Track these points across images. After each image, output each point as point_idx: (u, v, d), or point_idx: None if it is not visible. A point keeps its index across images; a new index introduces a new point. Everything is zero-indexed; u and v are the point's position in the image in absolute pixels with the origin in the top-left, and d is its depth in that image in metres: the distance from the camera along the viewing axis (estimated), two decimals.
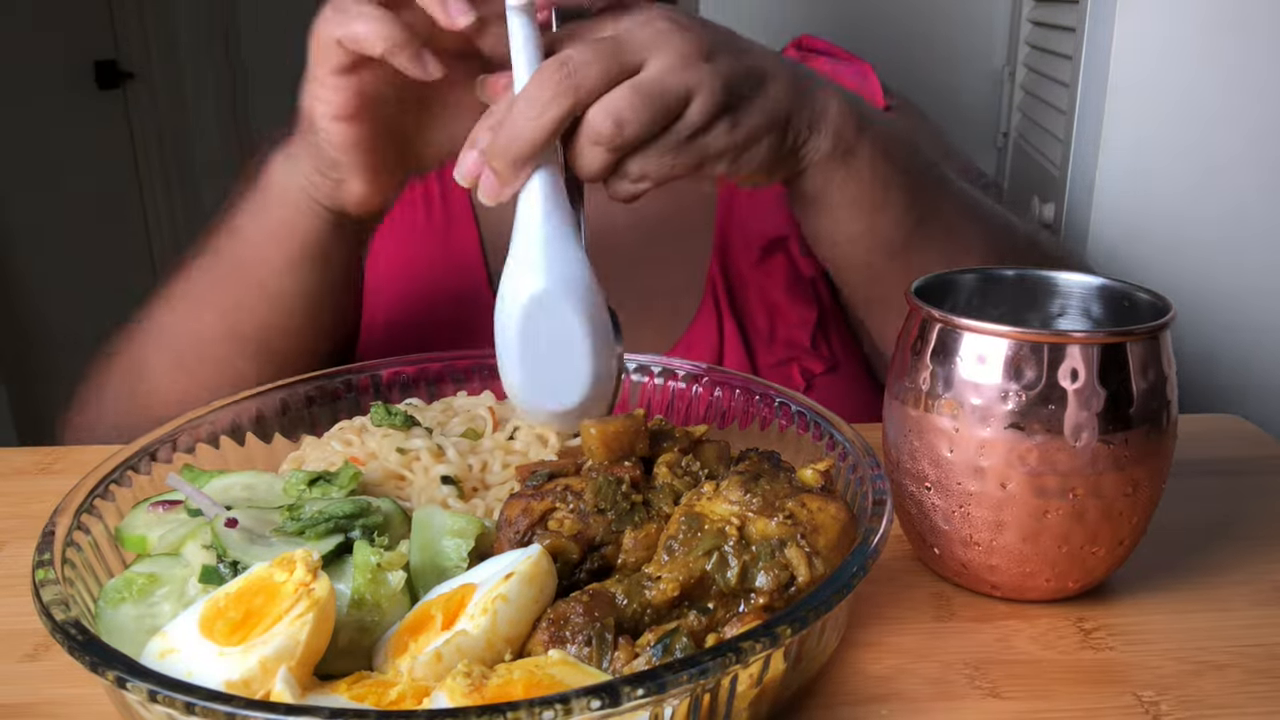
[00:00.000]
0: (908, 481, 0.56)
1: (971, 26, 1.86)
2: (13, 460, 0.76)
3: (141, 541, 0.54)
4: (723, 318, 0.93)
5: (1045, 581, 0.55)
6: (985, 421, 0.52)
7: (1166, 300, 0.55)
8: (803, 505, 0.50)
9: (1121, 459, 0.52)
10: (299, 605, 0.44)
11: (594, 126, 0.57)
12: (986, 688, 0.50)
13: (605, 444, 0.56)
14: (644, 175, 0.60)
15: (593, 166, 0.59)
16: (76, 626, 0.42)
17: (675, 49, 0.59)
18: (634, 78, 0.58)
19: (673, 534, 0.50)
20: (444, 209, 0.97)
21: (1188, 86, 1.31)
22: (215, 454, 0.63)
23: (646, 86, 0.57)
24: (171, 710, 0.38)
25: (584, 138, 0.58)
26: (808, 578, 0.48)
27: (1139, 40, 1.31)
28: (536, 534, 0.51)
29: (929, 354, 0.54)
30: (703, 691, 0.41)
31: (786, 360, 0.93)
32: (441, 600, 0.47)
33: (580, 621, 0.46)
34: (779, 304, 0.94)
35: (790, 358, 0.93)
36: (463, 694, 0.40)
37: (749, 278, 0.95)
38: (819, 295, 0.95)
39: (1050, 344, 0.51)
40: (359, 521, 0.51)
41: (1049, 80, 1.60)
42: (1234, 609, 0.56)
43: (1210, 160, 1.34)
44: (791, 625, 0.42)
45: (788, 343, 0.94)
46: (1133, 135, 1.34)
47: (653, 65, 0.58)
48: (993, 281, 0.61)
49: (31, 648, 0.54)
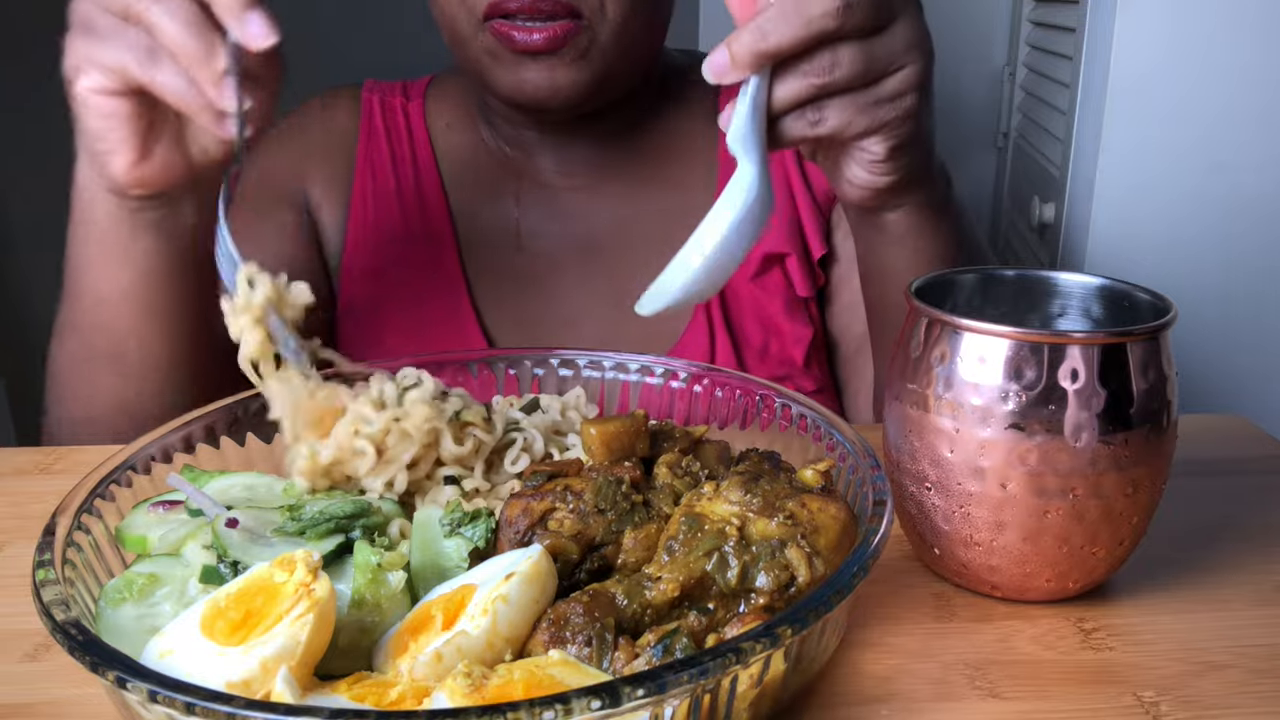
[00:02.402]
0: (908, 482, 0.57)
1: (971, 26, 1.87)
2: (13, 460, 0.76)
3: (142, 541, 0.54)
4: (714, 330, 0.93)
5: (1045, 582, 0.55)
6: (985, 422, 0.52)
7: (1167, 300, 0.55)
8: (803, 505, 0.50)
9: (1122, 459, 0.52)
10: (299, 605, 0.44)
11: (816, 64, 0.59)
12: (987, 688, 0.50)
13: (605, 444, 0.56)
14: (823, 120, 0.61)
15: (791, 93, 0.60)
16: (77, 627, 0.42)
17: (916, 26, 0.62)
18: (872, 39, 0.60)
19: (673, 534, 0.50)
20: (420, 211, 0.97)
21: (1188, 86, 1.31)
22: (215, 454, 0.63)
23: (880, 53, 0.61)
24: (171, 710, 0.38)
25: (798, 67, 0.59)
26: (808, 578, 0.48)
27: (1139, 40, 1.31)
28: (536, 534, 0.51)
29: (929, 354, 0.54)
30: (703, 692, 0.41)
31: (780, 377, 0.94)
32: (442, 600, 0.47)
33: (580, 622, 0.46)
34: (775, 320, 0.94)
35: (784, 375, 0.94)
36: (463, 694, 0.40)
37: (744, 292, 0.95)
38: (812, 318, 0.96)
39: (1050, 344, 0.51)
40: (359, 522, 0.52)
41: (1049, 80, 1.60)
42: (1234, 609, 0.56)
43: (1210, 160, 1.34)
44: (792, 626, 0.42)
45: (781, 359, 0.94)
46: (1133, 135, 1.35)
47: (895, 30, 0.61)
48: (993, 281, 0.61)
49: (32, 648, 0.54)
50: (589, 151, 0.96)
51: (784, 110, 0.60)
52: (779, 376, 0.94)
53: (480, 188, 0.98)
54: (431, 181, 0.98)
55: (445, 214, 0.97)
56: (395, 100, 1.02)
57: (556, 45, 0.80)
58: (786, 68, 0.59)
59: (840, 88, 0.60)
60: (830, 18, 0.58)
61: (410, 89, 1.03)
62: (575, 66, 0.82)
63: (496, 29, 0.81)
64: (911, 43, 0.62)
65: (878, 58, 0.61)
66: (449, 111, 1.01)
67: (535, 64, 0.82)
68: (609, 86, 0.87)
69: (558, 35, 0.80)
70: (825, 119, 0.61)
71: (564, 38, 0.80)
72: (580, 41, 0.81)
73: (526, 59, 0.82)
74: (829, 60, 0.59)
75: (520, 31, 0.80)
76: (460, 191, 0.98)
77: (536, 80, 0.82)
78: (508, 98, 0.85)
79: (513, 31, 0.80)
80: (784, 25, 0.57)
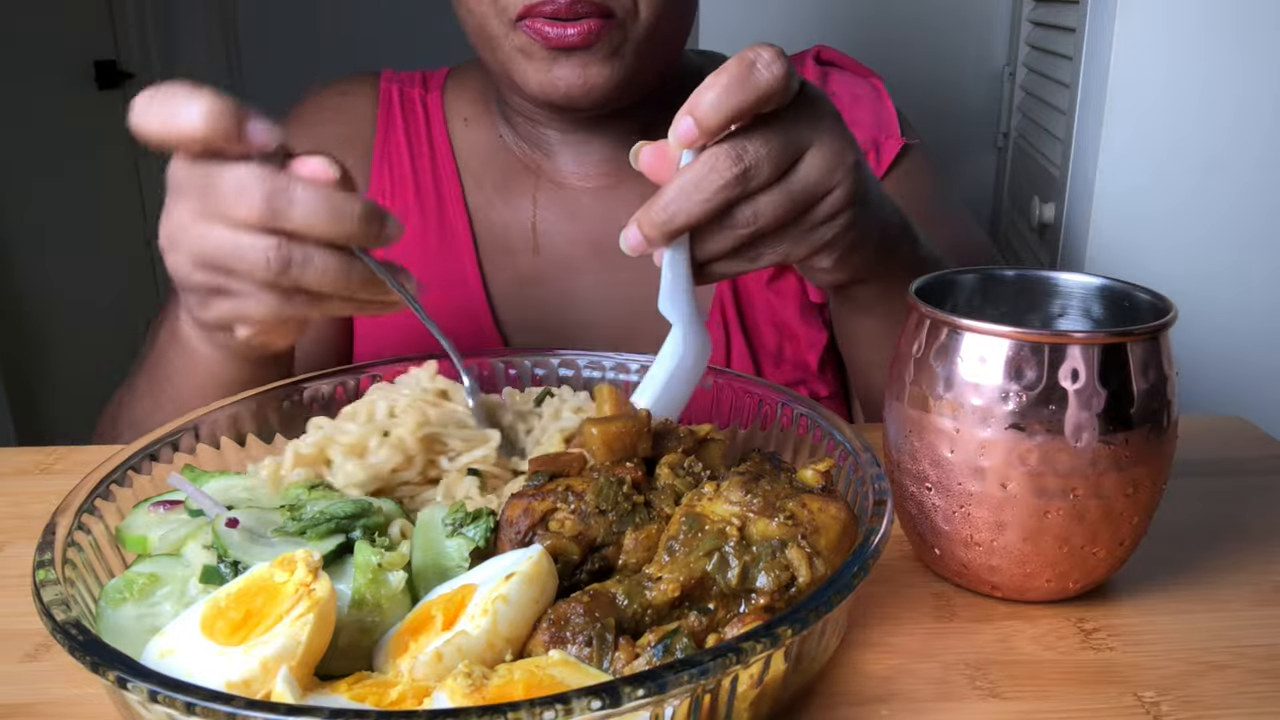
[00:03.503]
0: (908, 482, 0.56)
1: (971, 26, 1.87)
2: (13, 460, 0.76)
3: (142, 541, 0.54)
4: (730, 334, 0.93)
5: (1046, 582, 0.55)
6: (986, 422, 0.52)
7: (1167, 300, 0.55)
8: (803, 506, 0.50)
9: (1122, 459, 0.52)
10: (300, 605, 0.44)
11: (738, 218, 0.59)
12: (987, 688, 0.50)
13: (607, 444, 0.56)
14: (760, 256, 0.62)
15: (718, 247, 0.60)
16: (77, 626, 0.42)
17: (832, 147, 0.61)
18: (788, 179, 0.60)
19: (673, 534, 0.50)
20: (438, 208, 0.97)
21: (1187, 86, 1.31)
22: (215, 454, 0.63)
23: (798, 190, 0.60)
24: (171, 710, 0.38)
25: (723, 224, 0.59)
26: (808, 578, 0.48)
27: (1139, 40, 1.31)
28: (537, 534, 0.51)
29: (929, 354, 0.54)
30: (703, 692, 0.41)
31: (794, 381, 0.94)
32: (442, 600, 0.47)
33: (581, 622, 0.46)
34: (790, 325, 0.95)
35: (799, 379, 0.94)
36: (463, 694, 0.40)
37: (758, 297, 0.95)
38: (826, 323, 0.96)
39: (1051, 344, 0.51)
40: (360, 522, 0.51)
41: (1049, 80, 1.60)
42: (1235, 609, 0.56)
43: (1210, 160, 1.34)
44: (792, 626, 0.42)
45: (796, 364, 0.94)
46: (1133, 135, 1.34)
47: (810, 162, 0.60)
48: (993, 281, 0.61)
49: (32, 648, 0.54)
50: (607, 151, 0.96)
51: (714, 259, 0.61)
52: (794, 381, 0.94)
53: (498, 187, 0.97)
54: (450, 179, 0.98)
55: (463, 213, 0.96)
56: (414, 91, 1.01)
57: (590, 40, 0.81)
58: (710, 224, 0.59)
59: (769, 230, 0.60)
60: (730, 187, 0.57)
61: (429, 80, 1.03)
62: (608, 64, 0.83)
63: (530, 26, 0.81)
64: (832, 165, 0.60)
65: (797, 196, 0.60)
66: (467, 106, 1.01)
67: (569, 60, 0.82)
68: (638, 85, 0.87)
69: (591, 31, 0.80)
70: (762, 255, 0.62)
71: (598, 33, 0.80)
72: (614, 39, 0.82)
73: (560, 55, 0.82)
74: (750, 213, 0.59)
75: (554, 27, 0.80)
76: (478, 190, 0.98)
77: (569, 77, 0.83)
78: (538, 95, 0.85)
79: (547, 28, 0.80)
80: (687, 202, 0.57)
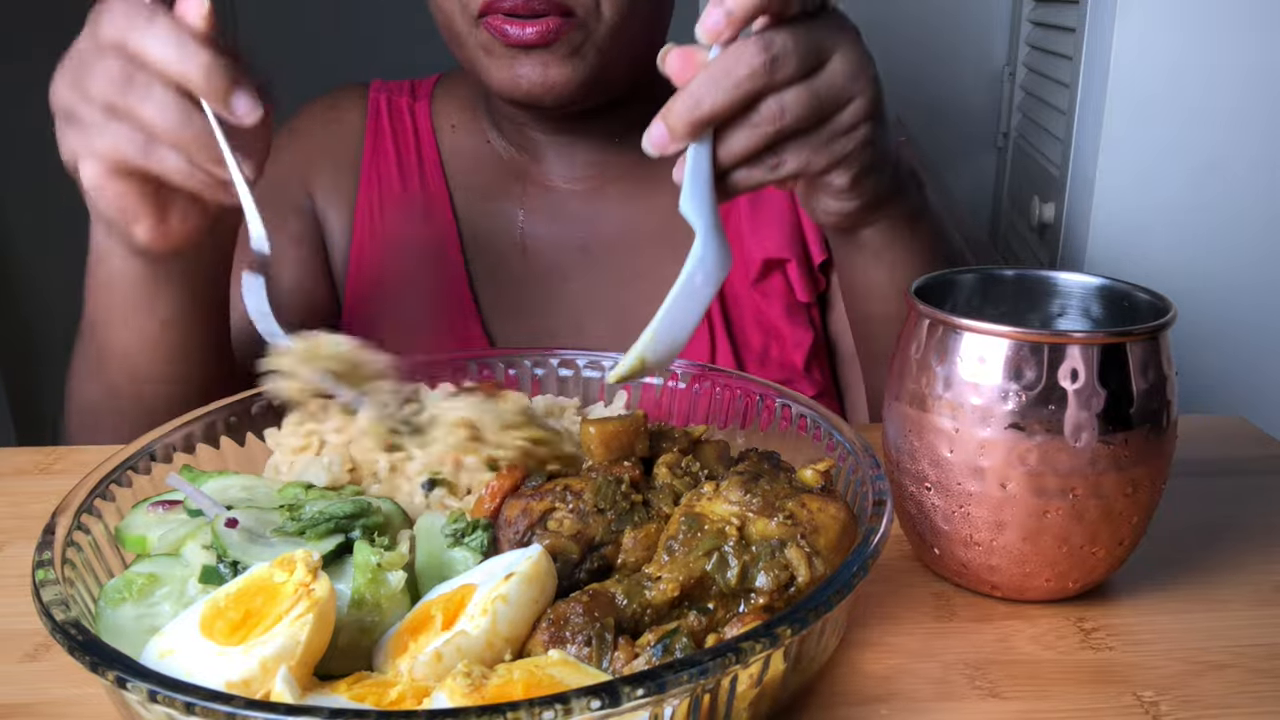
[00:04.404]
0: (908, 482, 0.56)
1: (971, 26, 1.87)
2: (13, 460, 0.76)
3: (141, 541, 0.54)
4: (715, 334, 0.93)
5: (1045, 581, 0.55)
6: (985, 422, 0.52)
7: (1166, 300, 0.55)
8: (803, 505, 0.50)
9: (1121, 459, 0.52)
10: (299, 605, 0.44)
11: (763, 113, 0.59)
12: (986, 688, 0.50)
13: (605, 444, 0.56)
14: (781, 163, 0.61)
15: (742, 146, 0.59)
16: (76, 626, 0.42)
17: (855, 56, 0.61)
18: (813, 79, 0.60)
19: (673, 534, 0.50)
20: (425, 214, 0.97)
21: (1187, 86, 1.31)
22: (215, 454, 0.63)
23: (823, 90, 0.60)
24: (171, 710, 0.38)
25: (747, 120, 0.59)
26: (808, 578, 0.48)
27: (1139, 40, 1.31)
28: (536, 534, 0.51)
29: (929, 354, 0.54)
30: (703, 691, 0.41)
31: (781, 382, 0.94)
32: (441, 600, 0.47)
33: (580, 621, 0.46)
34: (776, 325, 0.95)
35: (785, 379, 0.94)
36: (463, 694, 0.40)
37: (744, 297, 0.95)
38: (813, 322, 0.96)
39: (1050, 344, 0.51)
40: (359, 522, 0.51)
41: (1049, 80, 1.60)
42: (1234, 609, 0.56)
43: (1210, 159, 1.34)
44: (792, 625, 0.42)
45: (782, 364, 0.94)
46: (1133, 135, 1.35)
47: (834, 65, 0.60)
48: (993, 281, 0.62)
49: (32, 648, 0.54)
50: (593, 154, 0.97)
51: (737, 162, 0.60)
52: (780, 381, 0.94)
53: (485, 191, 0.98)
54: (437, 184, 0.98)
55: (450, 217, 0.97)
56: (402, 100, 1.02)
57: (548, 39, 0.81)
58: (734, 122, 0.59)
59: (792, 131, 0.60)
60: (759, 76, 0.57)
61: (418, 88, 1.04)
62: (568, 63, 0.83)
63: (490, 24, 0.82)
64: (855, 72, 0.61)
65: (823, 96, 0.60)
66: (455, 113, 1.02)
67: (528, 59, 0.83)
68: (605, 85, 0.87)
69: (549, 30, 0.81)
70: (784, 162, 0.61)
71: (555, 32, 0.81)
72: (573, 38, 0.82)
73: (520, 54, 0.83)
74: (776, 107, 0.59)
75: (513, 25, 0.81)
76: (465, 195, 0.98)
77: (531, 75, 0.83)
78: (503, 93, 0.86)
79: (506, 26, 0.81)
80: (714, 90, 0.57)
